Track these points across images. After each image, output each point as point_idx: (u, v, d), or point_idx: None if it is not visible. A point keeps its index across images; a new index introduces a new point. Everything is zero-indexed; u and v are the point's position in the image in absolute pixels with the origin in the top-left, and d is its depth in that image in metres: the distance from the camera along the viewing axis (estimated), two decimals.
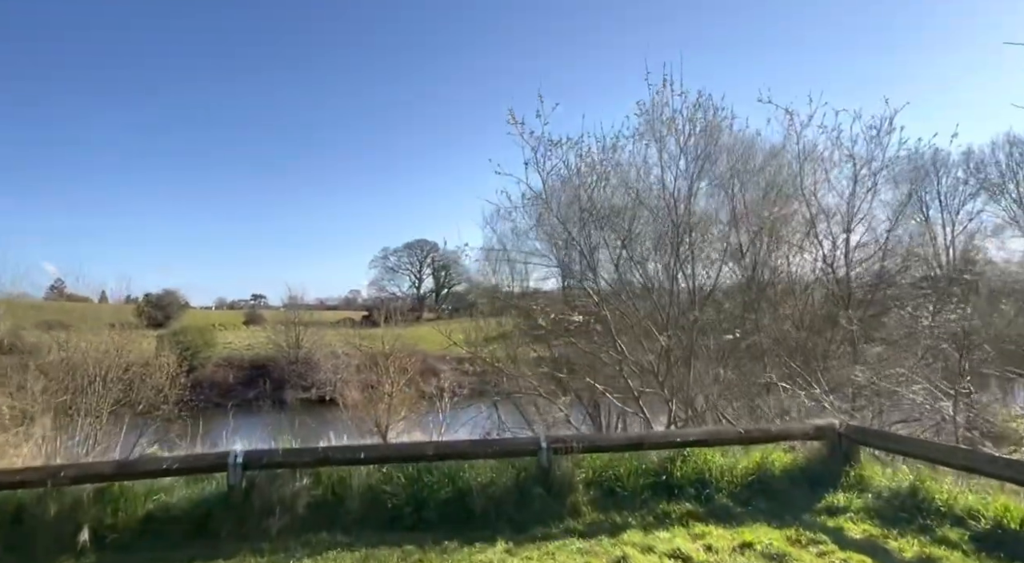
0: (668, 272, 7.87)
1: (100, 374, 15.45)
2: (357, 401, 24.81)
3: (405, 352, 26.30)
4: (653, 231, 8.03)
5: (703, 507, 5.10)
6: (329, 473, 5.27)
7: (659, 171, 7.90)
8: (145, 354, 21.72)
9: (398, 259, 75.55)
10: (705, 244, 7.71)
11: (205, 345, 46.06)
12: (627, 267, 7.99)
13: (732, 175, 7.87)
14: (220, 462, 5.06)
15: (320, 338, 47.18)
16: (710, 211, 7.85)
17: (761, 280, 7.99)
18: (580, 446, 5.22)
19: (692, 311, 7.49)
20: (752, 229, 7.94)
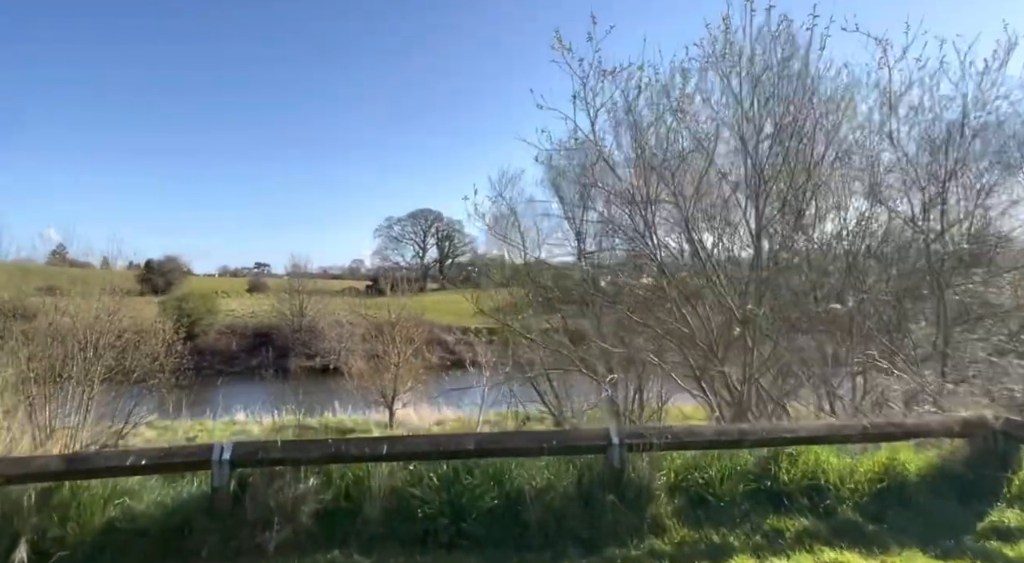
0: (747, 232, 6.59)
1: (91, 340, 14.33)
2: (362, 371, 23.75)
3: (411, 322, 25.14)
4: (727, 182, 6.71)
5: (823, 522, 3.91)
6: (342, 472, 4.08)
7: (735, 110, 6.54)
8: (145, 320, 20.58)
9: (402, 228, 74.15)
10: (787, 202, 6.39)
11: (207, 312, 45.02)
12: (695, 224, 6.70)
13: (817, 120, 6.50)
14: (201, 458, 3.86)
15: (324, 306, 46.11)
16: (792, 162, 6.51)
17: (855, 242, 6.70)
18: (662, 442, 4.02)
19: (777, 277, 6.26)
20: (838, 185, 6.63)
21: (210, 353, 42.61)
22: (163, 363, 15.34)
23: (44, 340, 13.95)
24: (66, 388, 14.35)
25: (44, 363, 13.62)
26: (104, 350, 14.24)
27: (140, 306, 34.28)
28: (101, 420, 14.92)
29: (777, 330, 5.96)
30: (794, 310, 5.81)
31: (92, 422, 14.60)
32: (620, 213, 7.39)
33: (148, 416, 18.08)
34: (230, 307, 50.50)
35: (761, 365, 6.33)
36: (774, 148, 6.35)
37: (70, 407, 14.45)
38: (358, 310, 33.38)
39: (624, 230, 7.58)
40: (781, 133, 6.30)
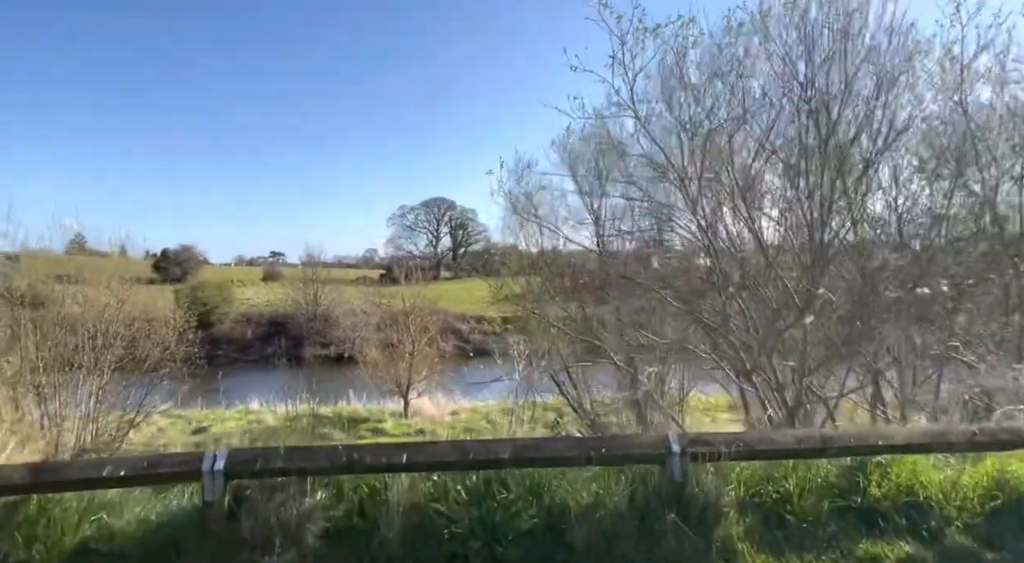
0: (808, 209, 5.79)
1: (101, 329, 13.90)
2: (377, 360, 23.25)
3: (426, 310, 24.58)
4: (782, 154, 5.95)
5: (929, 549, 3.24)
6: (355, 484, 3.47)
7: (793, 73, 5.76)
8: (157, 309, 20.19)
9: (415, 217, 73.54)
10: (851, 175, 5.63)
11: (223, 301, 44.82)
12: (753, 200, 5.96)
13: (883, 83, 5.72)
14: (190, 468, 3.26)
15: (338, 295, 45.76)
16: (857, 131, 5.74)
17: (930, 221, 5.93)
18: (731, 451, 3.37)
19: (843, 260, 5.54)
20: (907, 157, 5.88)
21: (225, 342, 42.46)
22: (174, 352, 14.87)
23: (53, 328, 13.53)
24: (76, 377, 13.97)
25: (53, 352, 13.20)
26: (113, 339, 13.78)
27: (155, 295, 34.15)
28: (113, 409, 14.55)
29: (842, 319, 5.27)
30: (863, 296, 5.11)
31: (104, 411, 14.22)
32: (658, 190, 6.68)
33: (161, 405, 17.70)
34: (245, 296, 50.33)
35: (821, 358, 5.62)
36: (840, 114, 5.60)
37: (81, 396, 14.07)
38: (372, 299, 32.90)
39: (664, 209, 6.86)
40: (846, 98, 5.56)
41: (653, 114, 5.97)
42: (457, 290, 53.07)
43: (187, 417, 22.34)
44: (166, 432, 20.64)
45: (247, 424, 21.32)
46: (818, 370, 5.80)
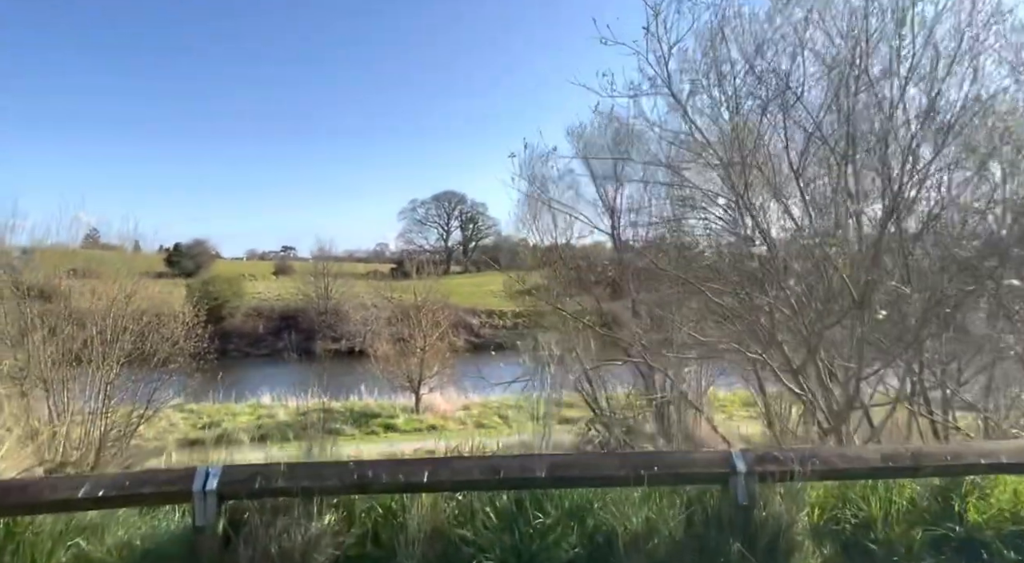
0: (870, 193, 5.20)
1: (109, 323, 13.57)
2: (388, 354, 22.88)
3: (437, 305, 24.15)
4: (841, 136, 5.30)
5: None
6: (368, 505, 3.00)
7: (854, 40, 5.10)
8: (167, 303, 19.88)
9: (426, 211, 73.04)
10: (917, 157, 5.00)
11: (234, 295, 44.69)
12: (809, 185, 5.34)
13: (960, 51, 5.05)
14: (179, 488, 2.80)
15: (349, 289, 45.50)
16: (927, 105, 5.11)
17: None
18: (806, 470, 2.86)
19: (910, 249, 4.94)
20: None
21: (237, 336, 42.34)
22: (183, 347, 14.51)
23: (60, 322, 13.21)
24: (85, 372, 13.66)
25: (61, 346, 12.88)
26: (119, 333, 13.44)
27: (167, 289, 34.00)
28: (122, 404, 14.23)
29: (906, 314, 4.72)
30: (936, 288, 4.54)
31: (113, 407, 13.90)
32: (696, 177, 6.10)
33: (172, 399, 17.37)
34: (256, 290, 50.19)
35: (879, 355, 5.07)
36: (904, 92, 5.01)
37: (90, 392, 13.75)
38: (383, 293, 32.55)
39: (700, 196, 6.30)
40: (911, 74, 4.97)
41: (692, 92, 5.43)
42: (467, 284, 52.72)
43: (198, 411, 22.09)
44: (178, 427, 20.41)
45: (258, 419, 21.04)
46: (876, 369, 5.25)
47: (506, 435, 19.73)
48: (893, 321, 4.50)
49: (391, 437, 19.26)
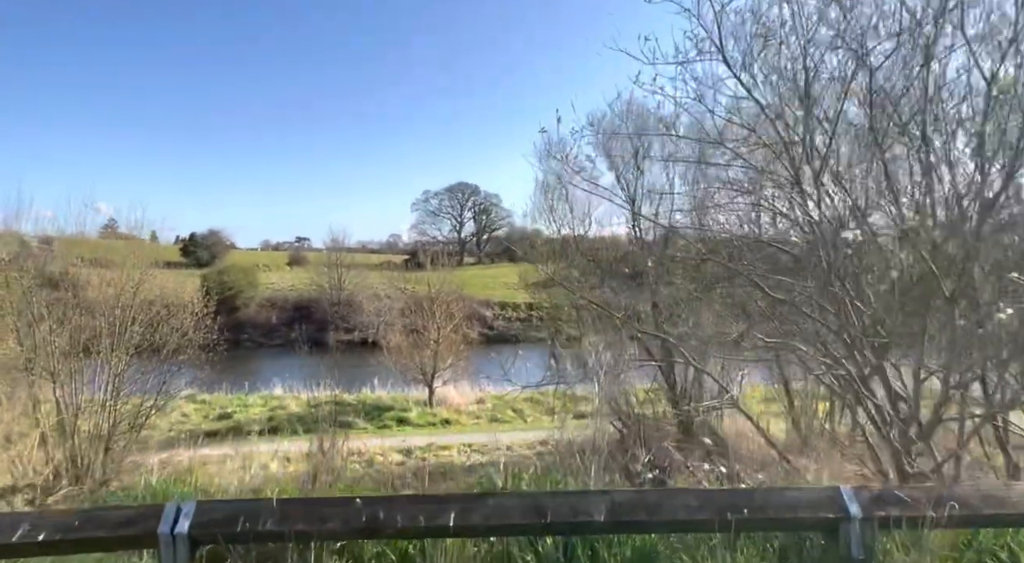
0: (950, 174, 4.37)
1: (117, 314, 13.12)
2: (401, 346, 22.35)
3: (452, 296, 23.56)
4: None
5: None
6: (378, 550, 2.39)
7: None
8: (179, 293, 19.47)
9: (439, 202, 72.49)
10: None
11: (248, 285, 44.45)
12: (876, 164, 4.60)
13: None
14: (141, 530, 2.20)
15: (362, 280, 45.11)
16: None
17: None
18: (942, 516, 2.21)
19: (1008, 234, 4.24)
20: None
21: (251, 326, 42.15)
22: (192, 338, 14.05)
23: (68, 312, 12.76)
24: (94, 363, 13.24)
25: (68, 336, 12.44)
26: (127, 324, 12.98)
27: (182, 279, 33.75)
28: (133, 395, 13.80)
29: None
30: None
31: (123, 399, 13.46)
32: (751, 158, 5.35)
33: (183, 391, 16.97)
34: (270, 280, 49.97)
35: (979, 361, 4.32)
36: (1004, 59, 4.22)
37: (98, 383, 13.33)
38: (397, 284, 32.07)
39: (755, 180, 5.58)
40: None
41: (747, 59, 4.66)
42: (481, 276, 52.18)
43: (211, 402, 21.75)
44: (190, 418, 20.06)
45: (270, 411, 20.64)
46: (972, 376, 4.52)
47: (521, 430, 19.23)
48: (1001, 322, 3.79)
49: (404, 431, 18.76)
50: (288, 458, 15.39)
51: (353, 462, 15.20)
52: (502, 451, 16.76)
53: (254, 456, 14.96)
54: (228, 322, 38.41)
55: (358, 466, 15.02)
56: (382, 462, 15.38)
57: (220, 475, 14.41)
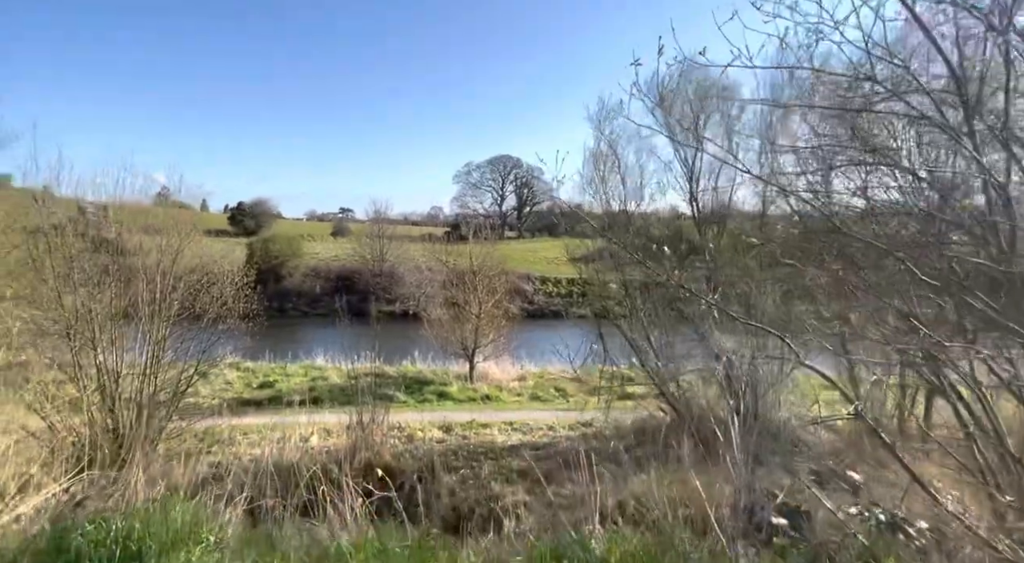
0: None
1: (157, 281, 12.80)
2: (442, 319, 21.78)
3: (494, 270, 22.77)
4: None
5: None
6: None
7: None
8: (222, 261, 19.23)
9: (481, 175, 71.66)
10: None
11: (293, 254, 44.75)
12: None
13: None
14: None
15: (404, 252, 44.87)
16: None
17: None
18: None
19: None
20: None
21: (295, 295, 42.53)
22: (232, 308, 13.67)
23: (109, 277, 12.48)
24: (135, 329, 12.99)
25: (106, 302, 12.17)
26: (168, 292, 12.64)
27: (230, 247, 33.97)
28: (174, 364, 13.56)
29: None
30: None
31: (163, 366, 13.21)
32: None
33: (225, 358, 16.74)
34: (314, 250, 50.31)
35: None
36: None
37: (139, 349, 13.10)
38: (439, 257, 31.45)
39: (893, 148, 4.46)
40: None
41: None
42: (521, 250, 51.34)
43: (254, 370, 21.74)
44: (233, 385, 20.04)
45: (311, 381, 20.44)
46: None
47: (563, 410, 18.49)
48: None
49: (444, 406, 18.25)
50: (328, 430, 15.05)
51: (393, 437, 14.76)
52: (544, 431, 16.08)
53: (294, 427, 14.68)
54: (274, 290, 38.91)
55: (398, 442, 14.55)
56: (422, 438, 14.87)
57: (259, 445, 14.19)
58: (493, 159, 70.81)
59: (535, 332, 35.22)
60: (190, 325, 13.72)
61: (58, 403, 11.36)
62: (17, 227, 13.01)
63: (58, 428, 10.84)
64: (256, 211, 58.77)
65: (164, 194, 37.23)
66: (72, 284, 11.67)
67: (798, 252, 10.47)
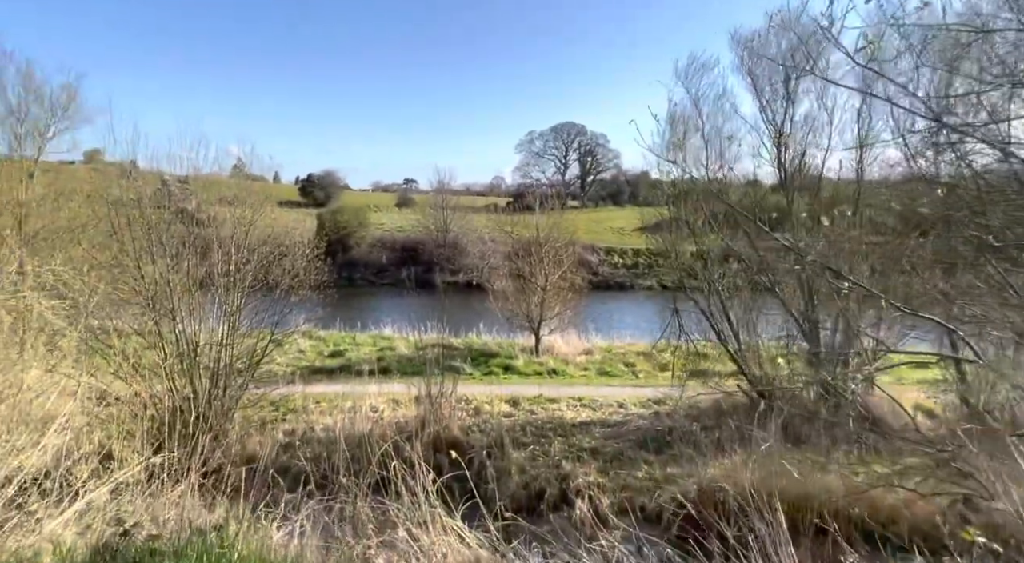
0: None
1: (232, 253, 12.91)
2: (507, 291, 21.31)
3: (560, 241, 22.01)
4: None
5: None
6: None
7: None
8: (295, 232, 19.40)
9: (544, 143, 70.15)
10: None
11: (360, 225, 45.39)
12: None
13: None
14: None
15: (467, 222, 44.65)
16: None
17: None
18: None
19: None
20: None
21: (363, 265, 43.24)
22: (302, 279, 13.68)
23: (186, 249, 12.64)
24: (211, 299, 13.19)
25: (183, 273, 12.35)
26: (242, 264, 12.71)
27: (300, 217, 34.70)
28: (251, 331, 13.74)
29: None
30: None
31: (239, 336, 13.40)
32: None
33: (300, 327, 16.95)
34: (380, 221, 50.92)
35: None
36: None
37: (215, 318, 13.33)
38: (504, 227, 30.95)
39: None
40: None
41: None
42: (584, 219, 50.04)
43: (325, 339, 22.11)
44: (306, 354, 20.43)
45: (380, 351, 20.57)
46: None
47: (633, 386, 17.77)
48: None
49: (510, 379, 17.91)
50: (396, 401, 15.02)
51: (460, 410, 14.55)
52: (614, 408, 15.46)
53: (364, 397, 14.73)
54: (343, 260, 39.69)
55: (465, 415, 14.32)
56: (489, 412, 14.58)
57: (331, 414, 14.33)
58: (556, 127, 69.09)
59: (600, 304, 34.39)
60: (264, 296, 13.87)
61: (143, 371, 11.68)
62: (106, 199, 13.35)
63: (143, 395, 11.13)
64: (325, 183, 59.99)
65: (239, 166, 37.76)
66: (151, 255, 11.88)
67: (906, 222, 9.22)
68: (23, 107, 16.91)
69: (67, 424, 6.34)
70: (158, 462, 6.09)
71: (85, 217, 14.83)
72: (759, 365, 14.81)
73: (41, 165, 17.45)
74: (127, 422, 9.11)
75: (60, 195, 16.00)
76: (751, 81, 14.98)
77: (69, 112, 17.71)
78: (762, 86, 15.11)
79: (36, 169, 17.07)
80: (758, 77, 15.10)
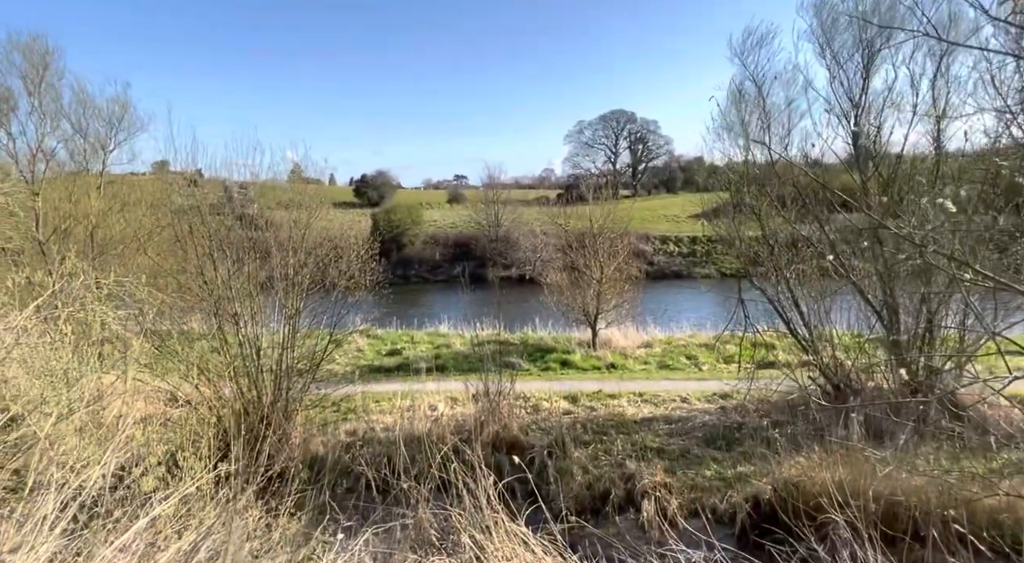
0: None
1: (290, 256, 13.10)
2: (561, 284, 20.89)
3: (614, 232, 21.39)
4: None
5: None
6: None
7: None
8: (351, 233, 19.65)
9: (593, 133, 68.93)
10: None
11: (413, 223, 45.88)
12: None
13: None
14: None
15: (518, 216, 44.40)
16: None
17: None
18: None
19: None
20: None
21: (417, 262, 43.73)
22: (358, 281, 13.74)
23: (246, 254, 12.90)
24: (271, 302, 13.44)
25: (244, 278, 12.59)
26: (300, 267, 12.87)
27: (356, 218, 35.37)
28: (311, 331, 13.94)
29: None
30: None
31: (303, 335, 13.61)
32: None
33: (358, 327, 17.12)
34: (433, 218, 51.35)
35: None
36: None
37: (277, 321, 13.57)
38: (556, 219, 30.46)
39: None
40: None
41: None
42: (637, 208, 48.86)
43: (383, 338, 22.36)
44: (365, 353, 20.70)
45: (436, 348, 20.61)
46: None
47: (696, 379, 17.08)
48: None
49: (568, 374, 17.55)
50: (454, 399, 14.94)
51: (518, 407, 14.30)
52: (677, 403, 14.86)
53: (422, 396, 14.73)
54: (397, 258, 40.27)
55: (524, 413, 14.07)
56: (548, 409, 14.28)
57: (390, 413, 14.40)
58: (605, 115, 67.72)
59: (657, 295, 33.49)
60: (321, 298, 14.04)
61: (209, 374, 12.00)
62: (169, 207, 13.83)
63: (210, 398, 11.41)
64: (378, 182, 61.08)
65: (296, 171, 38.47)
66: (213, 262, 12.17)
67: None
68: (83, 123, 17.72)
69: (137, 427, 6.45)
70: (224, 469, 6.10)
71: (150, 226, 15.40)
72: (834, 355, 13.88)
73: (105, 177, 18.25)
74: (195, 426, 9.34)
75: (125, 206, 16.70)
76: (823, 49, 13.91)
77: (124, 124, 18.43)
78: (839, 53, 13.98)
79: (101, 182, 17.86)
80: (833, 42, 13.94)
